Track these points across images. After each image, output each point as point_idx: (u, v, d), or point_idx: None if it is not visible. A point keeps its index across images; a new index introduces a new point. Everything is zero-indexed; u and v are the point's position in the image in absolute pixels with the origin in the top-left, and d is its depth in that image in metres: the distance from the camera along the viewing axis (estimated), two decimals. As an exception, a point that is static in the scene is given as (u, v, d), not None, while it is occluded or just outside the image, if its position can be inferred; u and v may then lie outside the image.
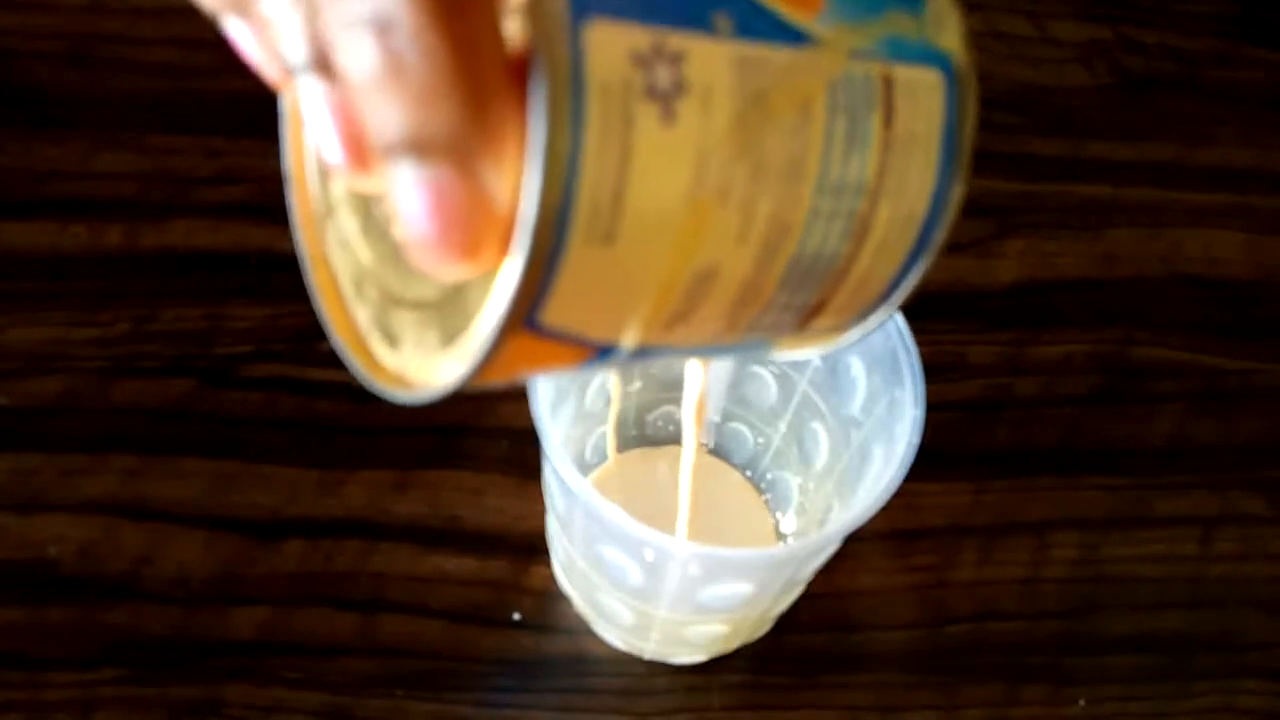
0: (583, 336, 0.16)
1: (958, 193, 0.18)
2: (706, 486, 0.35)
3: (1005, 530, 0.37)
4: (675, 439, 0.36)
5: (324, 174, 0.18)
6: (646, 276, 0.15)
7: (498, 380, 0.16)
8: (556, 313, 0.15)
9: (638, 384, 0.34)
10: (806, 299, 0.18)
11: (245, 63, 0.17)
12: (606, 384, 0.33)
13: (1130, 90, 0.48)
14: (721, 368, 0.33)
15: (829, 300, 0.18)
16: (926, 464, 0.27)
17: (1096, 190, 0.45)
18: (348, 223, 0.18)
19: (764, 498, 0.36)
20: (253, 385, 0.37)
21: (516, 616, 0.34)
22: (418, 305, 0.17)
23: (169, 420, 0.36)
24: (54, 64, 0.43)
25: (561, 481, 0.26)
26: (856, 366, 0.29)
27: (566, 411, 0.31)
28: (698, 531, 0.33)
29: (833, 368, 0.30)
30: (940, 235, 0.18)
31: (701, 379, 0.25)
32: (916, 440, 0.26)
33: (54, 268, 0.38)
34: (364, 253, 0.18)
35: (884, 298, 0.19)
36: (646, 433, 0.36)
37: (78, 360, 0.37)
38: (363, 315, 0.18)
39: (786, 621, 0.33)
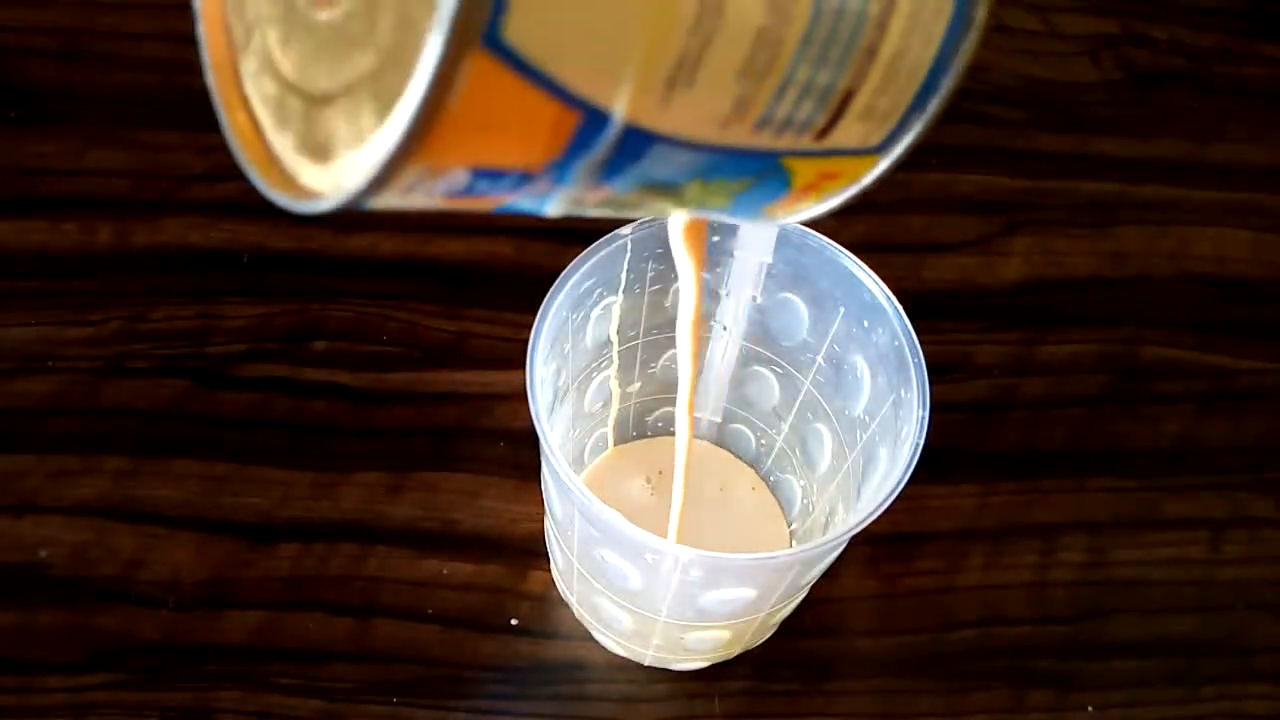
0: (561, 80, 0.13)
1: None
2: (718, 485, 0.35)
3: (1012, 533, 0.36)
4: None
5: None
6: None
7: (452, 159, 0.13)
8: (525, 25, 0.12)
9: (637, 384, 0.33)
10: (831, 81, 0.15)
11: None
12: (608, 383, 0.32)
13: (1138, 86, 0.47)
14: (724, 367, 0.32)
15: (856, 91, 0.16)
16: (932, 466, 0.26)
17: (1104, 187, 0.44)
18: (268, 37, 0.16)
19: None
20: (246, 385, 0.36)
21: (514, 622, 0.33)
22: (349, 89, 0.15)
23: (161, 421, 0.36)
24: (45, 59, 0.43)
25: (560, 484, 0.26)
26: (861, 366, 0.29)
27: (565, 413, 0.31)
28: (708, 532, 0.33)
29: (838, 367, 0.30)
30: (980, 12, 0.16)
31: (695, 276, 0.22)
32: (922, 442, 0.26)
33: (44, 266, 0.38)
34: (286, 64, 0.16)
35: (917, 102, 0.17)
36: (646, 434, 0.35)
37: (68, 360, 0.36)
38: (287, 144, 0.16)
39: (789, 627, 0.33)
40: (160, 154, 0.41)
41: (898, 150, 0.18)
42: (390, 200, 0.14)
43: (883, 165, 0.18)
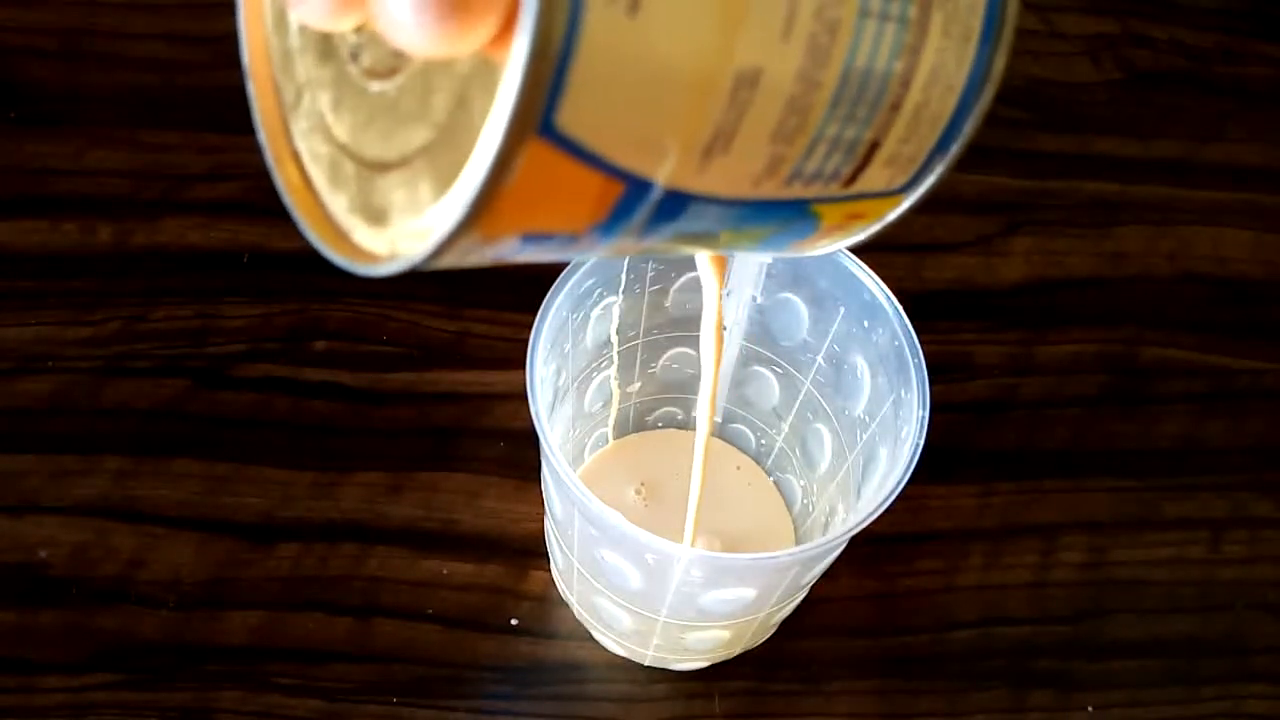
0: (608, 158, 0.14)
1: (1013, 11, 0.17)
2: (723, 482, 0.35)
3: (1012, 533, 0.36)
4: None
5: (288, 58, 0.17)
6: (680, 67, 0.13)
7: (506, 230, 0.14)
8: (577, 113, 0.13)
9: (637, 384, 0.33)
10: (858, 135, 0.16)
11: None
12: (608, 383, 0.32)
13: (1138, 86, 0.47)
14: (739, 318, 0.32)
15: (882, 142, 0.17)
16: (932, 466, 0.26)
17: (1104, 187, 0.44)
18: (320, 100, 0.17)
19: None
20: (246, 385, 0.36)
21: (514, 622, 0.33)
22: (405, 159, 0.15)
23: (161, 421, 0.36)
24: (45, 59, 0.43)
25: (560, 484, 0.26)
26: (861, 366, 0.29)
27: (565, 413, 0.31)
28: (712, 529, 0.33)
29: (838, 367, 0.30)
30: (999, 62, 0.17)
31: (718, 293, 0.24)
32: (922, 442, 0.26)
33: (45, 266, 0.38)
34: (340, 128, 0.17)
35: (940, 146, 0.18)
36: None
37: (69, 360, 0.36)
38: (341, 203, 0.17)
39: (789, 627, 0.33)
40: (160, 154, 0.41)
41: (921, 190, 0.18)
42: (445, 264, 0.15)
43: (906, 204, 0.19)
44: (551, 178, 0.13)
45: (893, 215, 0.19)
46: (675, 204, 0.15)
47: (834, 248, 0.20)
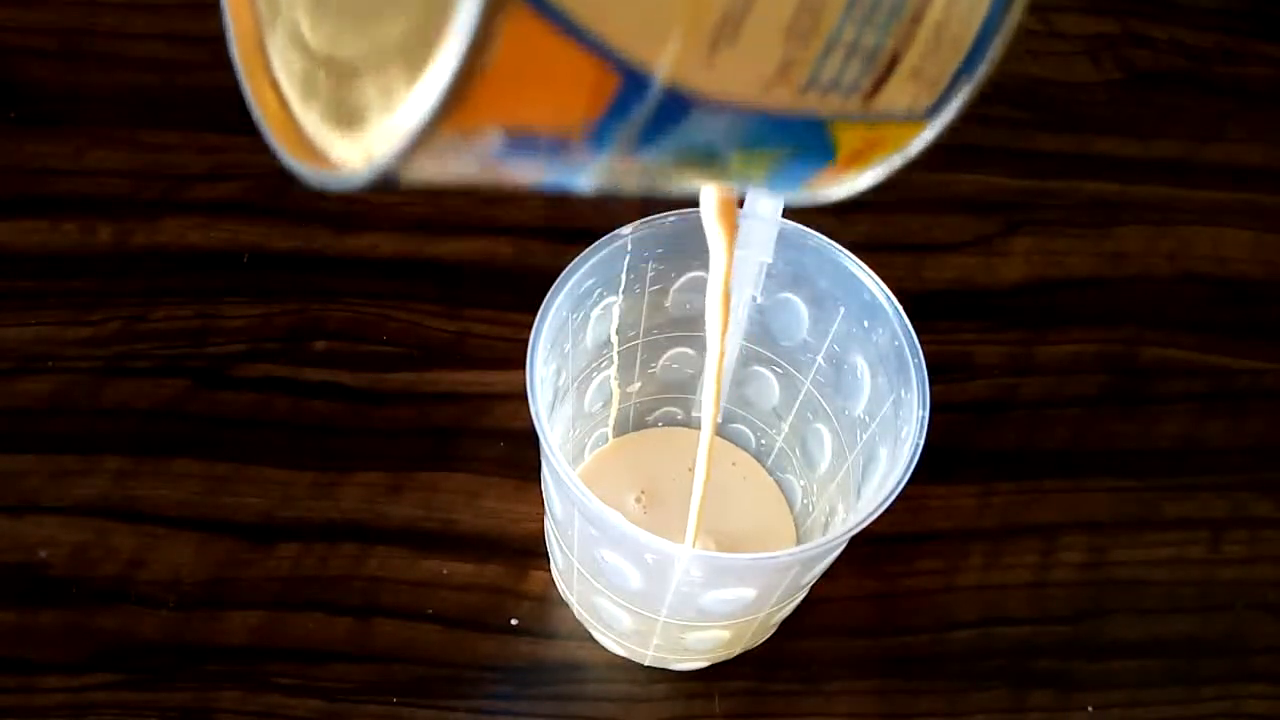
0: (604, 41, 0.12)
1: None
2: (723, 481, 0.35)
3: (1012, 533, 0.36)
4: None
5: None
6: None
7: (488, 118, 0.13)
8: None
9: (637, 384, 0.33)
10: (877, 42, 0.15)
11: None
12: (608, 383, 0.32)
13: (1138, 86, 0.47)
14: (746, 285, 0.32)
15: (902, 54, 0.16)
16: (932, 466, 0.26)
17: (1104, 187, 0.44)
18: (296, 9, 0.16)
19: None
20: (246, 385, 0.36)
21: (514, 622, 0.33)
22: (382, 54, 0.14)
23: (161, 421, 0.36)
24: (45, 59, 0.43)
25: (560, 484, 0.26)
26: (861, 366, 0.29)
27: (565, 413, 0.31)
28: (714, 527, 0.33)
29: (838, 367, 0.30)
30: None
31: (726, 249, 0.23)
32: (922, 442, 0.26)
33: (45, 266, 0.38)
34: (316, 35, 0.16)
35: (965, 68, 0.16)
36: (647, 434, 0.35)
37: (69, 360, 0.36)
38: (314, 118, 0.16)
39: (789, 627, 0.33)
40: (160, 154, 0.41)
41: (944, 116, 0.17)
42: (424, 170, 0.14)
43: (929, 133, 0.17)
44: (537, 55, 0.12)
45: (915, 146, 0.18)
46: (677, 107, 0.14)
47: (852, 186, 0.18)
